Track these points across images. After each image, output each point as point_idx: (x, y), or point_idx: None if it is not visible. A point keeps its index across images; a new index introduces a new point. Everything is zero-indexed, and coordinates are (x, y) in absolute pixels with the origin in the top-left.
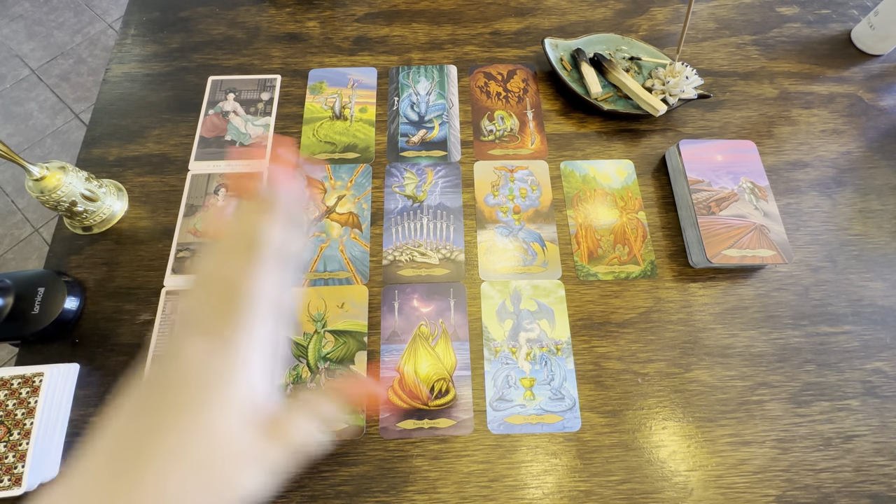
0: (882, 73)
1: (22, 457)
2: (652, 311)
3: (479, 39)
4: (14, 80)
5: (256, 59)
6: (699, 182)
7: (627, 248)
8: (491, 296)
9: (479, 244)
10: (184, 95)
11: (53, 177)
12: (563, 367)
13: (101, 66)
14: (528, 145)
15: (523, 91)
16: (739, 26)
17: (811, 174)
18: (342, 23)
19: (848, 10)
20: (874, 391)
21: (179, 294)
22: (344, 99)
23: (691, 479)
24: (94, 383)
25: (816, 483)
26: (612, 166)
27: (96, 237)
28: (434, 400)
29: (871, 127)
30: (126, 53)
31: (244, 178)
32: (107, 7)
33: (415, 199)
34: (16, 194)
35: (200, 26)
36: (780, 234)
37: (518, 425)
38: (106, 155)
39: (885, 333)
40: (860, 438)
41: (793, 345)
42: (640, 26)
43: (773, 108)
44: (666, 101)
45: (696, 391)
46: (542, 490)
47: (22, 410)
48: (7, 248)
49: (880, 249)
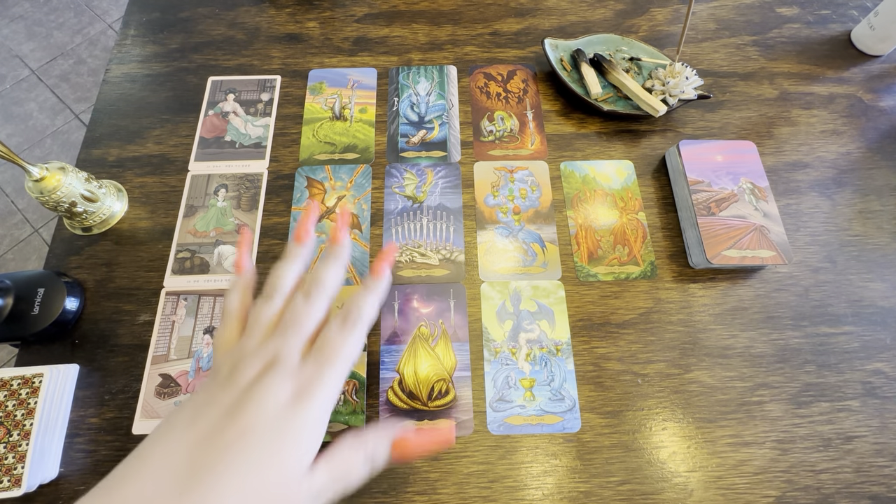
0: (882, 74)
1: (21, 457)
2: (652, 312)
3: (479, 40)
4: (14, 80)
5: (256, 60)
6: (699, 182)
7: (627, 248)
8: (491, 296)
9: (478, 245)
10: (184, 96)
11: (53, 177)
12: (563, 368)
13: (101, 67)
14: (528, 146)
15: (523, 91)
16: (739, 27)
17: (811, 175)
18: (342, 23)
19: (848, 11)
20: (874, 392)
21: None
22: (344, 99)
23: (691, 480)
24: (93, 384)
25: (816, 484)
26: (612, 167)
27: (96, 238)
28: (433, 401)
29: (870, 127)
30: (126, 54)
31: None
32: (107, 7)
33: (415, 200)
34: (16, 195)
35: (200, 27)
36: (780, 235)
37: (518, 426)
38: (106, 155)
39: (886, 334)
40: (860, 439)
41: (793, 345)
42: (640, 27)
43: (773, 109)
44: (666, 102)
45: (696, 392)
46: (542, 491)
47: (22, 411)
48: (7, 249)
49: (880, 250)
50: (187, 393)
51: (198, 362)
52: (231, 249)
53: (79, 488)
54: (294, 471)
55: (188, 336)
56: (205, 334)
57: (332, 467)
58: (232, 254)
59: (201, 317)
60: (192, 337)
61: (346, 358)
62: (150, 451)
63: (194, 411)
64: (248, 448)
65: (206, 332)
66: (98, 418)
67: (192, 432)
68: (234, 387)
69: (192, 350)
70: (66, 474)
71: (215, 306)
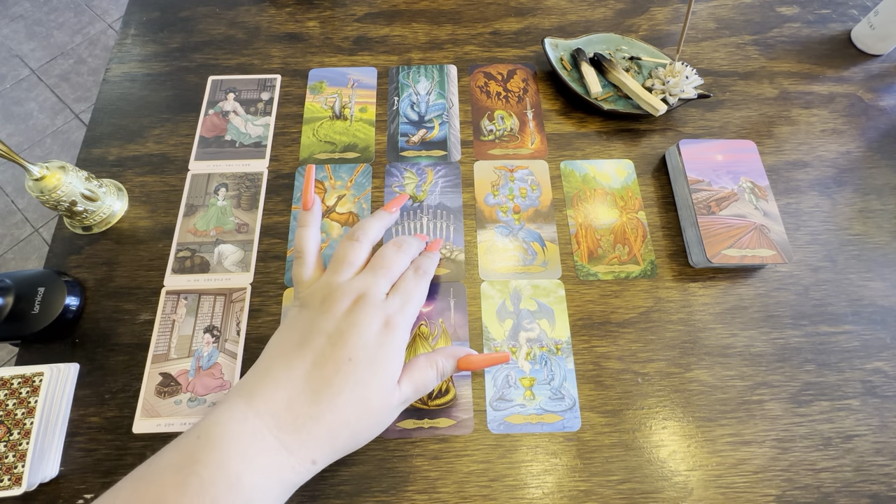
0: (882, 73)
1: (22, 456)
2: (652, 311)
3: (479, 39)
4: (14, 80)
5: (256, 59)
6: (699, 182)
7: (627, 247)
8: (491, 295)
9: (478, 244)
10: (184, 95)
11: (53, 176)
12: (563, 367)
13: (101, 66)
14: (528, 145)
15: (523, 91)
16: (739, 26)
17: (811, 174)
18: (342, 23)
19: (848, 10)
20: (874, 391)
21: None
22: (344, 99)
23: (691, 479)
24: (94, 383)
25: (816, 483)
26: (612, 166)
27: (96, 237)
28: (433, 400)
29: (871, 127)
30: (126, 53)
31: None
32: (107, 7)
33: (415, 199)
34: (16, 194)
35: (200, 26)
36: (780, 234)
37: (518, 425)
38: (106, 155)
39: (886, 333)
40: (860, 438)
41: (793, 344)
42: (640, 26)
43: (773, 108)
44: (666, 101)
45: (695, 391)
46: (542, 490)
47: (22, 410)
48: (7, 248)
49: (880, 249)
50: (187, 392)
51: (198, 361)
52: (231, 249)
53: (79, 487)
54: (388, 385)
55: (188, 335)
56: (205, 333)
57: (414, 381)
58: (232, 253)
59: (201, 316)
60: (192, 336)
61: (419, 299)
62: (275, 370)
63: (301, 335)
64: (354, 371)
65: (206, 331)
66: (98, 417)
67: (306, 355)
68: (332, 316)
69: (193, 349)
70: (67, 473)
71: (215, 305)
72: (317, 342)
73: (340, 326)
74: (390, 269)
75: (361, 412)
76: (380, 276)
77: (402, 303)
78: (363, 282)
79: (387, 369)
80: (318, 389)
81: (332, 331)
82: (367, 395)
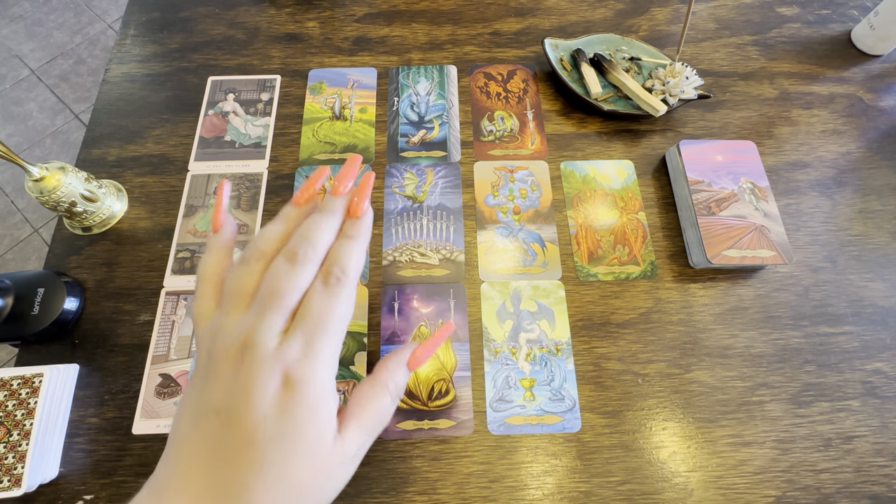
0: (882, 74)
1: (22, 457)
2: (652, 312)
3: (479, 40)
4: (14, 80)
5: (256, 60)
6: (699, 182)
7: (627, 248)
8: (491, 296)
9: (479, 245)
10: (183, 96)
11: (53, 177)
12: (563, 368)
13: (100, 67)
14: (528, 146)
15: (523, 91)
16: (739, 26)
17: (811, 174)
18: (342, 23)
19: (848, 11)
20: (874, 392)
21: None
22: (344, 99)
23: (691, 480)
24: (93, 384)
25: (817, 484)
26: (612, 167)
27: (96, 237)
28: (433, 401)
29: (871, 127)
30: (126, 53)
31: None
32: (107, 7)
33: (415, 200)
34: (15, 195)
35: (200, 26)
36: (780, 235)
37: (518, 426)
38: (106, 155)
39: (886, 334)
40: (860, 439)
41: (793, 345)
42: (640, 26)
43: (773, 109)
44: (666, 102)
45: (696, 392)
46: (542, 491)
47: (22, 411)
48: (7, 249)
49: (880, 250)
50: None
51: None
52: None
53: (78, 488)
54: (314, 452)
55: (188, 336)
56: None
57: (364, 422)
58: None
59: None
60: (192, 337)
61: (336, 322)
62: (179, 463)
63: (192, 411)
64: (260, 455)
65: None
66: (98, 418)
67: (200, 443)
68: (217, 380)
69: (192, 350)
70: (66, 474)
71: None
72: (206, 424)
73: (229, 397)
74: (283, 296)
75: (292, 494)
76: (267, 312)
77: (304, 343)
78: (246, 324)
79: (304, 437)
80: (226, 488)
81: (220, 406)
82: (289, 474)
